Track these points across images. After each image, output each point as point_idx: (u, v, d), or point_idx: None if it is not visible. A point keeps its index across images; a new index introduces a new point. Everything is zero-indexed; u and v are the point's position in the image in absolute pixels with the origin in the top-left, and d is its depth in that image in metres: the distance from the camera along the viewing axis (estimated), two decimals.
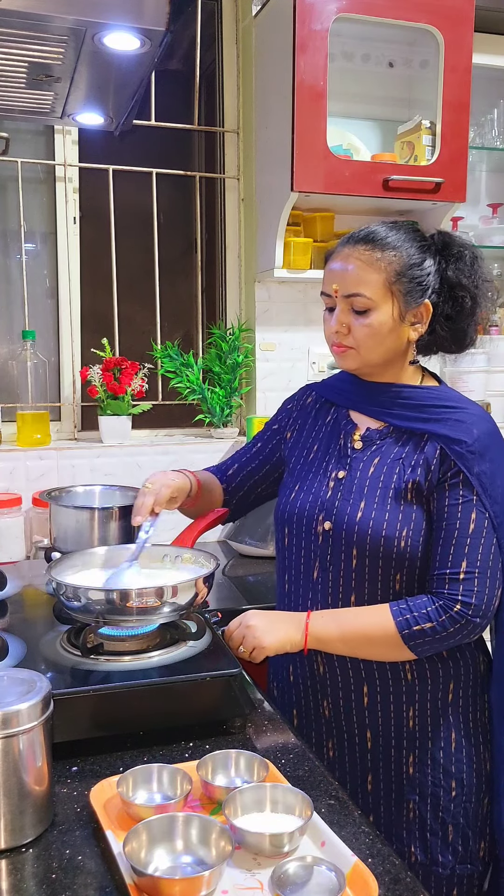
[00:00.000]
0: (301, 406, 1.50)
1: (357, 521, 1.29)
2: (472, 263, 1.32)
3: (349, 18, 2.07)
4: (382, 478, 1.30)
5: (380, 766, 1.32)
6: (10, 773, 0.89)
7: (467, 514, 1.23)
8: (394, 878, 0.86)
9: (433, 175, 2.18)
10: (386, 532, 1.26)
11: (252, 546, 2.19)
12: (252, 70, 2.37)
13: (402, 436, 1.32)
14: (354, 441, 1.36)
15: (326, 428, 1.42)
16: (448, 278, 1.31)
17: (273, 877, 0.84)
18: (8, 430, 2.29)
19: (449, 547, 1.23)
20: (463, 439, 1.25)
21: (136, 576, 1.33)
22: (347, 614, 1.28)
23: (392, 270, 1.26)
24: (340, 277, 1.29)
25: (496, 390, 2.55)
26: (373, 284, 1.26)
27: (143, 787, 0.98)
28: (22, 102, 1.74)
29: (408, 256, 1.27)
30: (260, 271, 2.36)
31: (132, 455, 2.30)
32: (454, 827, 1.30)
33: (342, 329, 1.29)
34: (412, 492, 1.27)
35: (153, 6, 1.33)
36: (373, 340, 1.28)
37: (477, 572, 1.22)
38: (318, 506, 1.34)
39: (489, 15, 2.25)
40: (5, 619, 1.43)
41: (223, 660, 1.20)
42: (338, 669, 1.33)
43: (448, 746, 1.30)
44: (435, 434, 1.28)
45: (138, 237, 2.47)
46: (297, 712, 1.41)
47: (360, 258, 1.27)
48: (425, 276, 1.28)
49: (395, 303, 1.27)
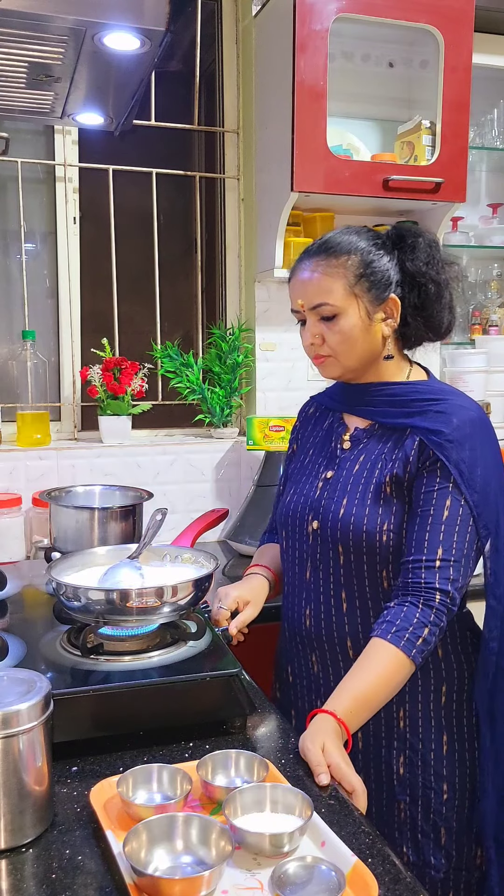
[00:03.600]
0: (305, 418, 1.54)
1: (340, 518, 1.30)
2: (428, 250, 1.33)
3: (349, 18, 2.07)
4: (365, 474, 1.31)
5: (371, 765, 1.31)
6: (10, 773, 0.89)
7: (442, 501, 1.23)
8: (394, 878, 0.86)
9: (433, 175, 2.18)
10: (367, 527, 1.27)
11: (252, 546, 2.18)
12: (252, 70, 2.37)
13: (387, 432, 1.33)
14: (343, 441, 1.38)
15: (322, 433, 1.45)
16: (407, 269, 1.32)
17: (273, 877, 0.84)
18: (8, 430, 2.29)
19: (424, 533, 1.23)
20: (441, 429, 1.25)
21: (135, 573, 1.33)
22: (362, 684, 1.17)
23: (350, 274, 1.28)
24: (303, 291, 1.32)
25: (496, 390, 2.55)
26: (335, 291, 1.28)
27: (143, 787, 0.98)
28: (22, 102, 1.74)
29: (362, 256, 1.29)
30: (260, 271, 2.36)
31: (132, 455, 2.30)
32: (446, 830, 1.29)
33: (316, 340, 1.32)
34: (391, 485, 1.28)
35: (153, 6, 1.33)
36: (347, 345, 1.30)
37: (452, 560, 1.21)
38: (308, 506, 1.36)
39: (489, 15, 2.25)
40: (5, 619, 1.43)
41: (223, 660, 1.21)
42: (331, 669, 1.34)
43: (440, 749, 1.30)
44: (416, 427, 1.29)
45: (138, 237, 2.47)
46: (295, 712, 1.41)
47: (317, 269, 1.30)
48: (384, 272, 1.30)
49: (360, 303, 1.29)
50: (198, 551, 1.44)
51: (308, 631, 1.36)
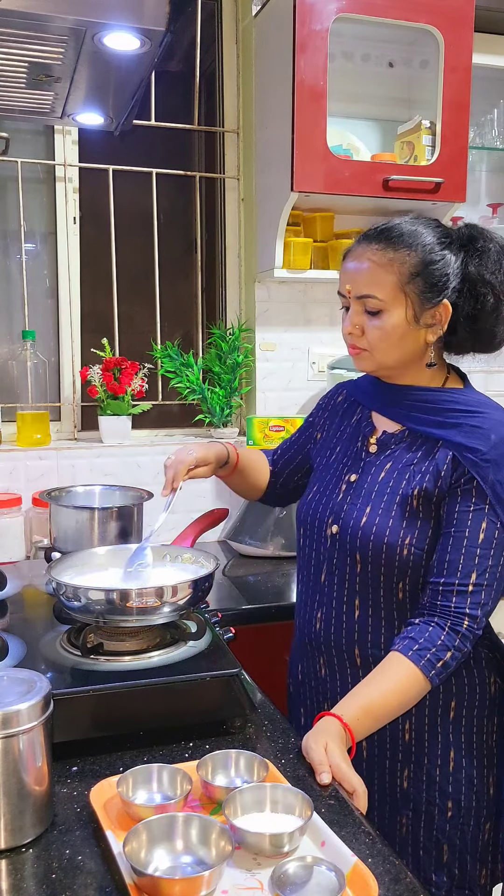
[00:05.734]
0: (332, 406, 1.48)
1: (361, 527, 1.26)
2: (498, 258, 1.24)
3: (349, 18, 2.07)
4: (391, 483, 1.26)
5: (374, 776, 1.28)
6: (10, 773, 0.89)
7: (478, 523, 1.18)
8: (394, 878, 0.86)
9: (433, 175, 2.17)
10: (388, 540, 1.23)
11: (252, 546, 2.19)
12: (252, 70, 2.37)
13: (417, 440, 1.28)
14: (370, 444, 1.33)
15: (349, 429, 1.40)
16: (470, 274, 1.23)
17: (273, 877, 0.84)
18: (8, 430, 2.29)
19: (458, 556, 1.18)
20: (478, 447, 1.19)
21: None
22: (373, 695, 1.15)
23: (405, 271, 1.21)
24: (353, 278, 1.25)
25: (496, 390, 2.55)
26: (385, 286, 1.21)
27: (143, 787, 0.98)
28: (22, 102, 1.74)
29: (424, 254, 1.21)
30: (260, 271, 2.36)
31: (132, 455, 2.30)
32: (449, 847, 1.26)
33: (355, 331, 1.26)
34: (419, 499, 1.23)
35: (153, 6, 1.33)
36: (385, 343, 1.24)
37: (485, 584, 1.18)
38: (329, 509, 1.33)
39: (489, 15, 2.25)
40: (5, 619, 1.43)
41: (223, 660, 1.20)
42: (338, 673, 1.32)
43: (446, 766, 1.26)
44: (449, 441, 1.23)
45: (138, 237, 2.47)
46: (304, 711, 1.40)
47: (372, 258, 1.22)
48: (443, 275, 1.22)
49: (409, 304, 1.22)
50: (198, 551, 1.43)
51: (317, 634, 1.34)
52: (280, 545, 2.15)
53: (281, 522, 2.17)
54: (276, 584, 1.99)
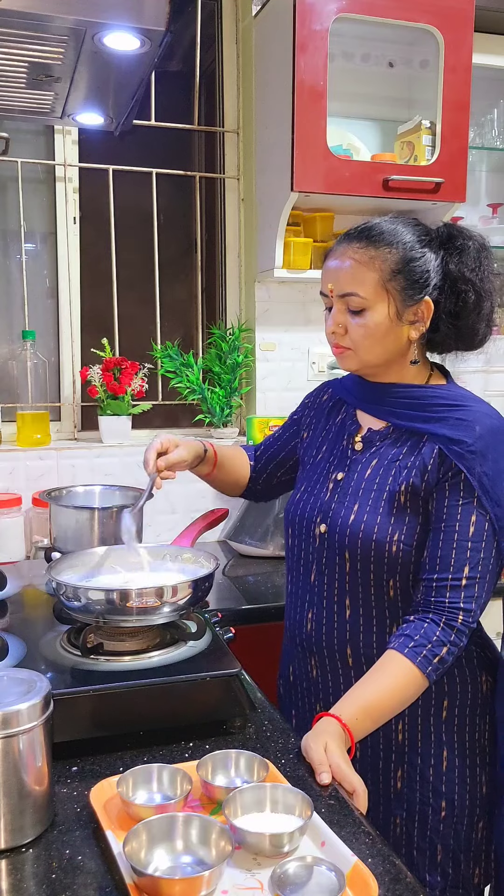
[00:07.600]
0: (318, 404, 1.49)
1: (349, 525, 1.26)
2: (477, 255, 1.25)
3: (349, 18, 2.07)
4: (378, 480, 1.27)
5: (367, 777, 1.26)
6: (10, 773, 0.89)
7: (467, 517, 1.19)
8: (394, 878, 0.86)
9: (433, 175, 2.17)
10: (377, 536, 1.23)
11: (252, 546, 2.19)
12: (252, 70, 2.37)
13: (402, 436, 1.28)
14: (355, 442, 1.34)
15: (335, 428, 1.41)
16: (450, 272, 1.25)
17: (273, 877, 0.84)
18: (8, 430, 2.29)
19: (449, 550, 1.19)
20: (463, 439, 1.20)
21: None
22: (371, 694, 1.15)
23: (387, 268, 1.22)
24: (335, 276, 1.26)
25: (496, 390, 2.54)
26: (367, 283, 1.22)
27: (143, 787, 0.98)
28: (22, 102, 1.74)
29: (405, 251, 1.22)
30: (260, 271, 2.36)
31: (132, 455, 2.29)
32: (443, 848, 1.26)
33: (339, 330, 1.27)
34: (406, 495, 1.23)
35: (153, 6, 1.33)
36: (369, 341, 1.25)
37: (478, 577, 1.18)
38: (317, 508, 1.33)
39: (489, 15, 2.25)
40: (5, 619, 1.43)
41: (223, 660, 1.20)
42: (329, 674, 1.32)
43: (439, 765, 1.26)
44: (434, 434, 1.23)
45: (138, 237, 2.47)
46: (296, 712, 1.40)
47: (354, 256, 1.23)
48: (424, 272, 1.23)
49: (391, 301, 1.23)
50: (198, 551, 1.43)
51: (308, 635, 1.34)
52: (280, 545, 2.15)
53: (281, 522, 2.17)
54: (276, 584, 1.99)
